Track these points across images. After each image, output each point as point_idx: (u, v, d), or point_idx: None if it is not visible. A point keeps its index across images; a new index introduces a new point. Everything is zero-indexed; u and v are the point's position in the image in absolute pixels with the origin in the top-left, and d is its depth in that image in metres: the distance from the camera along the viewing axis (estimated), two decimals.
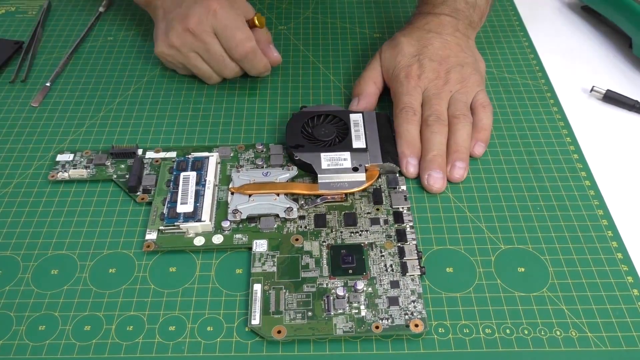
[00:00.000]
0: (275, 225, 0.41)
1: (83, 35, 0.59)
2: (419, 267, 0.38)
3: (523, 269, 0.39)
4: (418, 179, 0.45)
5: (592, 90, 0.53)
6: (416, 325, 0.36)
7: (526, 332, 0.36)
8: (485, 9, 0.54)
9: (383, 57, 0.51)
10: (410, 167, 0.44)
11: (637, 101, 0.51)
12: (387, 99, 0.51)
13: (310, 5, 0.63)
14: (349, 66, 0.56)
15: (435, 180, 0.44)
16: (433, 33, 0.51)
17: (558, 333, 0.36)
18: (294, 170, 0.44)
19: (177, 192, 0.42)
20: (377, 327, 0.36)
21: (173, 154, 0.46)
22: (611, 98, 0.52)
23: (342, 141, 0.45)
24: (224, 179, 0.44)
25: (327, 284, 0.38)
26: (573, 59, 0.57)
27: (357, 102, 0.50)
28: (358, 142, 0.45)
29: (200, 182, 0.42)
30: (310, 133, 0.46)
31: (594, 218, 0.42)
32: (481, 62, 0.52)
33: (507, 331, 0.36)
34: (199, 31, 0.48)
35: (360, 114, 0.47)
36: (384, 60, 0.51)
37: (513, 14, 0.63)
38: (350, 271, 0.38)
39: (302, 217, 0.42)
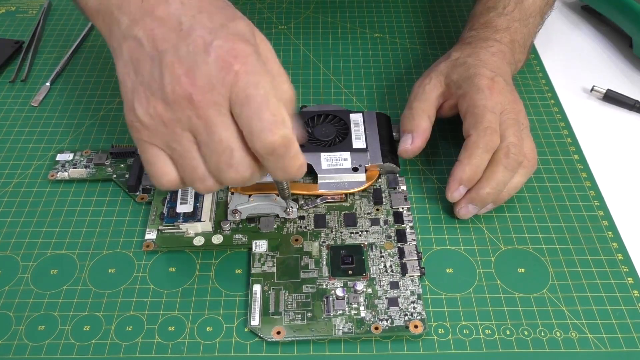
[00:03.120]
0: (275, 226, 0.41)
1: (83, 35, 0.59)
2: (418, 268, 0.38)
3: (523, 270, 0.39)
4: (418, 180, 0.45)
5: (592, 90, 0.52)
6: (416, 327, 0.36)
7: (526, 333, 0.36)
8: (526, 60, 0.50)
9: (443, 73, 0.45)
10: (457, 194, 0.41)
11: (637, 101, 0.51)
12: (392, 100, 0.51)
13: (311, 5, 0.63)
14: (349, 66, 0.56)
15: (469, 214, 0.41)
16: (497, 58, 0.45)
17: (558, 334, 0.36)
18: None
19: (176, 192, 0.42)
20: (376, 328, 0.36)
21: None
22: (611, 98, 0.52)
23: (342, 141, 0.45)
24: None
25: (326, 285, 0.38)
26: (573, 59, 0.57)
27: (412, 141, 0.43)
28: (358, 142, 0.44)
29: None
30: (310, 133, 0.46)
31: (595, 219, 0.42)
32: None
33: (507, 332, 0.36)
34: (204, 102, 0.30)
35: (360, 114, 0.47)
36: (447, 76, 0.44)
37: None
38: (350, 272, 0.38)
39: (301, 218, 0.42)
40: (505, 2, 0.49)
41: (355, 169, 0.43)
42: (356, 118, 0.46)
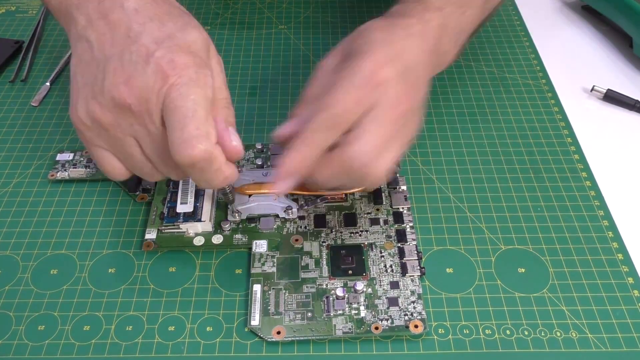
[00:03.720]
0: (275, 226, 0.41)
1: None
2: (418, 267, 0.38)
3: (523, 270, 0.39)
4: (418, 180, 0.45)
5: (592, 89, 0.52)
6: (416, 326, 0.36)
7: (526, 333, 0.36)
8: (455, 57, 0.43)
9: (343, 43, 0.37)
10: (286, 185, 0.34)
11: (637, 101, 0.51)
12: None
13: (310, 5, 0.63)
14: None
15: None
16: (412, 41, 0.37)
17: (558, 334, 0.36)
18: None
19: (177, 192, 0.42)
20: (376, 328, 0.36)
21: None
22: (612, 98, 0.52)
23: None
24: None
25: (326, 285, 0.38)
26: (573, 59, 0.57)
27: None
28: None
29: None
30: None
31: (595, 219, 0.42)
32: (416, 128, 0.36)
33: (507, 332, 0.36)
34: (142, 111, 0.31)
35: None
36: (345, 48, 0.37)
37: (514, 13, 0.63)
38: (350, 272, 0.38)
39: (301, 218, 0.42)
40: None
41: None
42: None
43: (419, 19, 0.38)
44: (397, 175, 0.44)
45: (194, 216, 0.40)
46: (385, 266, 0.39)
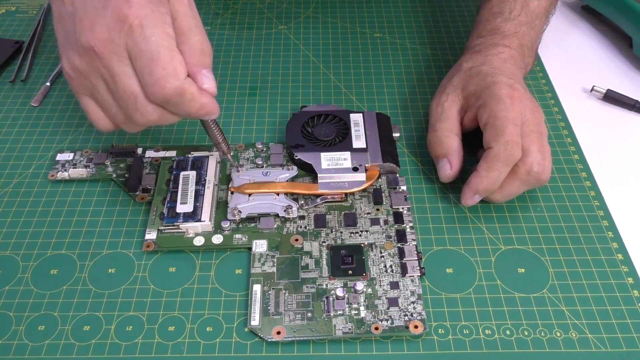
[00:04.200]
0: (275, 226, 0.41)
1: None
2: (418, 268, 0.38)
3: (523, 270, 0.39)
4: (418, 180, 0.45)
5: (592, 90, 0.52)
6: (416, 327, 0.36)
7: (526, 333, 0.36)
8: (534, 62, 0.50)
9: (459, 86, 0.44)
10: (471, 202, 0.41)
11: (637, 101, 0.51)
12: (392, 100, 0.51)
13: (311, 5, 0.63)
14: (349, 66, 0.56)
15: (472, 203, 0.42)
16: (510, 64, 0.44)
17: (558, 334, 0.36)
18: (293, 170, 0.44)
19: (176, 192, 0.42)
20: (376, 329, 0.36)
21: (173, 153, 0.46)
22: (612, 98, 0.52)
23: (342, 141, 0.45)
24: (224, 179, 0.44)
25: (326, 285, 0.38)
26: (573, 59, 0.57)
27: (450, 166, 0.42)
28: (358, 142, 0.44)
29: (200, 181, 0.42)
30: (310, 133, 0.46)
31: (595, 219, 0.42)
32: None
33: (507, 332, 0.36)
34: (106, 53, 0.33)
35: (361, 114, 0.47)
36: (464, 89, 0.43)
37: None
38: (350, 272, 0.38)
39: (302, 217, 0.42)
40: (511, 6, 0.48)
41: (355, 169, 0.43)
42: (356, 118, 0.46)
43: (503, 46, 0.46)
44: (397, 175, 0.44)
45: (194, 216, 0.40)
46: (385, 266, 0.39)
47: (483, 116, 0.41)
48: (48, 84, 0.53)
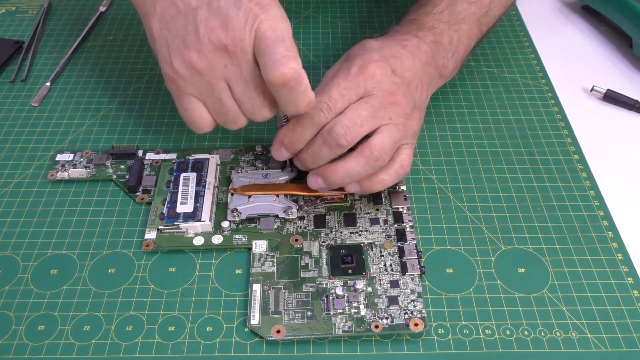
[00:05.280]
0: (275, 226, 0.41)
1: (83, 35, 0.59)
2: (418, 266, 0.38)
3: (523, 270, 0.39)
4: (418, 180, 0.45)
5: (592, 90, 0.52)
6: (416, 325, 0.36)
7: (526, 333, 0.36)
8: (455, 69, 0.47)
9: (344, 56, 0.42)
10: (278, 154, 0.40)
11: (637, 101, 0.51)
12: None
13: (310, 5, 0.63)
14: None
15: (317, 185, 0.40)
16: (407, 52, 0.42)
17: (558, 334, 0.36)
18: (293, 172, 0.44)
19: (177, 193, 0.42)
20: (376, 327, 0.36)
21: (173, 156, 0.46)
22: (611, 98, 0.52)
23: None
24: (224, 181, 0.44)
25: (326, 284, 0.38)
26: (573, 59, 0.57)
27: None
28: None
29: (201, 183, 0.42)
30: None
31: (595, 219, 0.42)
32: (418, 124, 0.42)
33: (507, 332, 0.36)
34: (238, 52, 0.34)
35: None
36: (346, 59, 0.42)
37: (514, 14, 0.63)
38: (350, 271, 0.38)
39: (301, 218, 0.42)
40: (436, 1, 0.46)
41: None
42: None
43: (413, 35, 0.44)
44: None
45: (193, 216, 0.40)
46: (385, 265, 0.39)
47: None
48: (48, 84, 0.53)
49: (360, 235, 0.41)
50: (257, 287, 0.38)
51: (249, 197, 0.42)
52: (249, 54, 0.34)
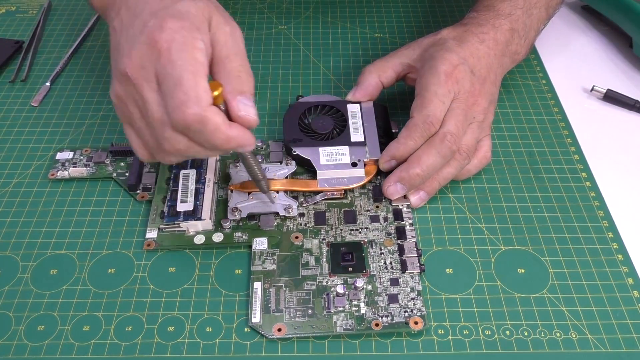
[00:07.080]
0: (275, 223, 0.41)
1: (83, 35, 0.59)
2: (418, 264, 0.38)
3: (523, 270, 0.39)
4: None
5: (592, 90, 0.52)
6: (416, 323, 0.36)
7: (526, 333, 0.36)
8: (526, 54, 0.49)
9: (422, 46, 0.45)
10: (387, 165, 0.42)
11: (637, 101, 0.51)
12: (392, 101, 0.51)
13: (310, 5, 0.63)
14: (349, 66, 0.56)
15: (397, 193, 0.41)
16: (485, 47, 0.44)
17: (558, 335, 0.36)
18: (292, 166, 0.44)
19: (177, 190, 0.42)
20: (377, 325, 0.36)
21: None
22: (612, 98, 0.52)
23: (340, 134, 0.44)
24: (224, 177, 0.44)
25: (327, 282, 0.38)
26: (573, 59, 0.57)
27: (353, 92, 0.46)
28: (356, 136, 0.44)
29: (200, 179, 0.42)
30: (307, 125, 0.45)
31: (595, 219, 0.42)
32: (493, 115, 0.45)
33: (507, 333, 0.36)
34: (138, 78, 0.33)
35: (358, 105, 0.46)
36: (425, 50, 0.45)
37: None
38: (350, 269, 0.38)
39: (301, 215, 0.42)
40: None
41: (354, 164, 0.43)
42: (353, 109, 0.46)
43: (491, 26, 0.45)
44: None
45: (194, 214, 0.40)
46: (385, 263, 0.39)
47: (418, 85, 0.43)
48: (48, 84, 0.53)
49: (360, 232, 0.41)
50: (257, 285, 0.38)
51: (249, 193, 0.42)
52: (151, 82, 0.33)
